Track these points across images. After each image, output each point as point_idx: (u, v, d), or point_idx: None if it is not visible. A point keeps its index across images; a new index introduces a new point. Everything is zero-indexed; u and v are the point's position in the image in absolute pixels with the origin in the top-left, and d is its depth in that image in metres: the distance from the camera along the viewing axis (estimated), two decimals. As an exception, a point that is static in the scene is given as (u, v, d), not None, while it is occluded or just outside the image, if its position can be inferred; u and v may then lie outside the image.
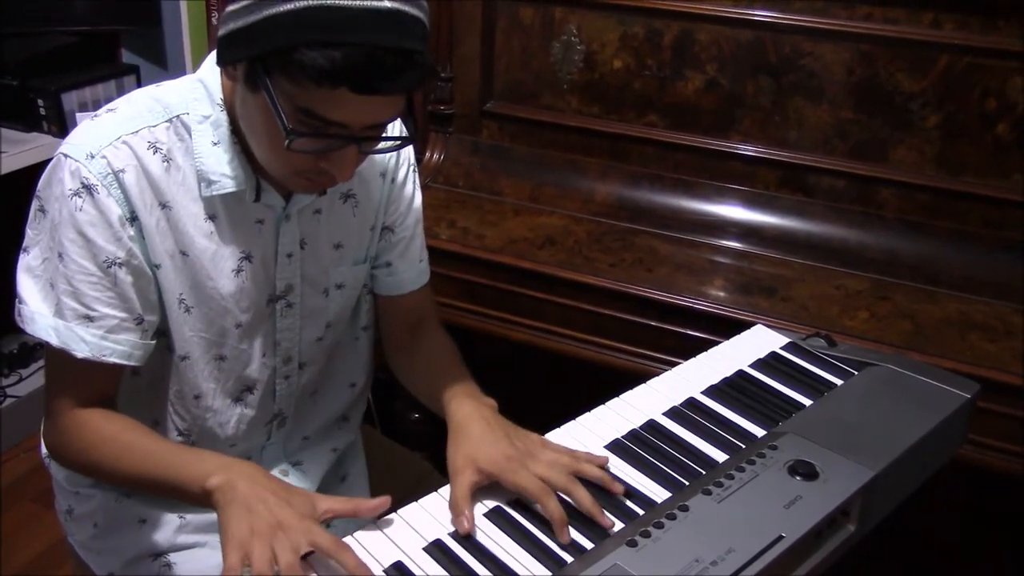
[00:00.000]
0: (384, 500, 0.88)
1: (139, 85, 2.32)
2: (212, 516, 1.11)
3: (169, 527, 1.10)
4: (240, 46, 0.85)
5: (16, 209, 2.47)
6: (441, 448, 1.36)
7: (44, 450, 1.20)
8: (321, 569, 0.84)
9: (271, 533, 0.82)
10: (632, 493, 0.93)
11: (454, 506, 0.90)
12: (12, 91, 2.07)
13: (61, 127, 2.09)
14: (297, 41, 0.80)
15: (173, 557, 1.09)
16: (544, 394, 1.50)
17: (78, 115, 2.08)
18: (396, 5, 0.81)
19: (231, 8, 0.85)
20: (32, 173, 2.03)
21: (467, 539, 0.87)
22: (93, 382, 0.98)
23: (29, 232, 0.98)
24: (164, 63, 2.38)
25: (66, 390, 0.99)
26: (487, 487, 0.93)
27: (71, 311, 0.94)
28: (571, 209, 1.68)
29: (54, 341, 0.95)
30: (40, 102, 2.07)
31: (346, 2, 0.79)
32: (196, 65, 2.53)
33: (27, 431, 2.38)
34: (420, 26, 0.84)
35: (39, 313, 0.95)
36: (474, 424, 0.99)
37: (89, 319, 0.94)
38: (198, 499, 0.91)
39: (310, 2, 0.79)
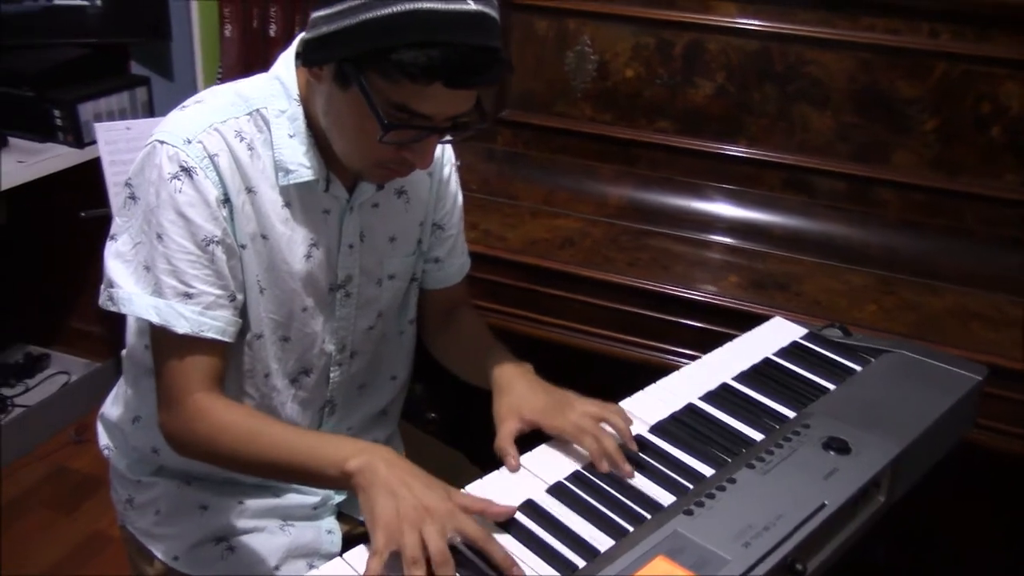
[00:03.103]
0: (512, 508, 0.92)
1: (150, 96, 2.36)
2: (271, 501, 1.18)
3: (229, 512, 1.15)
4: (333, 48, 0.92)
5: (34, 217, 2.50)
6: (459, 446, 1.44)
7: (102, 440, 1.25)
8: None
9: (419, 518, 0.85)
10: (682, 469, 1.00)
11: (500, 449, 1.02)
12: (29, 102, 2.10)
13: (77, 137, 2.12)
14: (395, 42, 0.88)
15: (234, 541, 1.14)
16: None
17: (95, 125, 2.11)
18: (480, 8, 0.89)
19: (321, 14, 0.92)
20: (49, 182, 2.08)
21: (536, 512, 0.93)
22: (200, 363, 1.02)
23: (118, 220, 1.04)
24: (171, 75, 2.43)
25: (177, 375, 1.02)
26: (551, 464, 1.01)
27: (171, 289, 0.99)
28: (585, 212, 1.75)
29: (155, 319, 0.99)
30: (56, 112, 2.10)
31: (438, 5, 0.87)
32: (206, 76, 2.56)
33: (36, 440, 2.41)
34: (497, 26, 0.93)
35: (135, 294, 1.00)
36: (517, 381, 1.11)
37: (188, 296, 0.99)
38: (336, 482, 0.94)
39: (405, 7, 0.87)
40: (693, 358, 1.27)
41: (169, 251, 0.99)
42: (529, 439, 1.06)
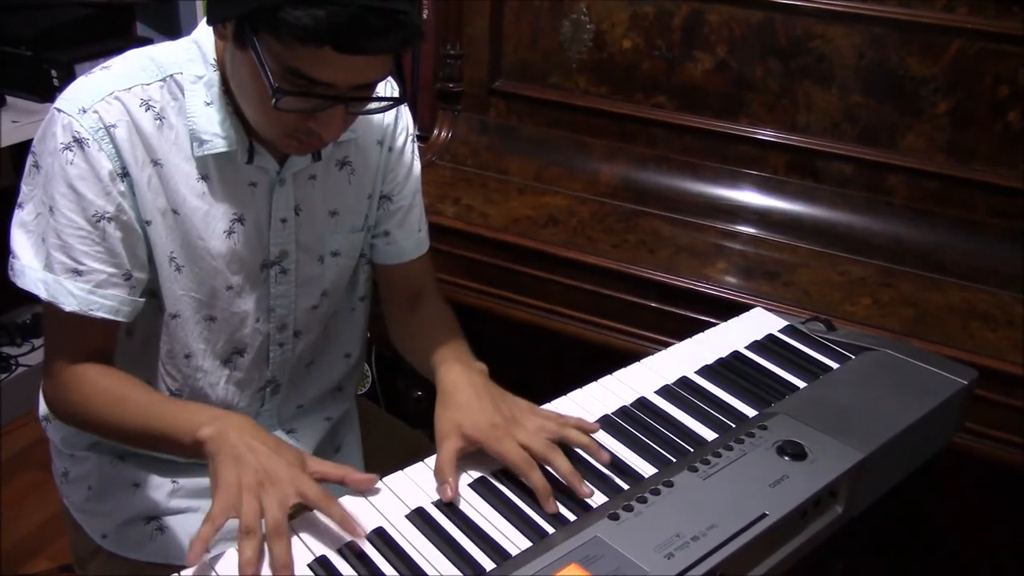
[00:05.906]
0: (372, 477, 0.89)
1: (153, 59, 2.32)
2: (205, 481, 1.12)
3: (162, 491, 1.11)
4: (229, 4, 0.86)
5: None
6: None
7: (42, 410, 1.22)
8: (305, 530, 0.84)
9: (259, 485, 0.82)
10: (620, 468, 0.93)
11: (438, 472, 0.90)
12: (26, 62, 2.08)
13: (74, 98, 2.10)
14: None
15: (165, 521, 1.10)
16: (544, 374, 1.50)
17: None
18: None
19: None
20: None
21: (450, 508, 0.87)
22: (87, 338, 0.98)
23: (24, 188, 0.99)
24: (177, 37, 2.39)
25: (62, 346, 0.99)
26: (474, 457, 0.93)
27: (60, 265, 0.95)
28: (576, 190, 1.68)
29: (43, 294, 0.96)
30: (53, 73, 2.08)
31: None
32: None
33: (38, 400, 2.41)
34: None
35: (29, 267, 0.96)
36: (462, 390, 0.98)
37: (77, 273, 0.95)
38: (190, 450, 0.91)
39: None
40: (673, 347, 1.19)
41: (59, 225, 0.94)
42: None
